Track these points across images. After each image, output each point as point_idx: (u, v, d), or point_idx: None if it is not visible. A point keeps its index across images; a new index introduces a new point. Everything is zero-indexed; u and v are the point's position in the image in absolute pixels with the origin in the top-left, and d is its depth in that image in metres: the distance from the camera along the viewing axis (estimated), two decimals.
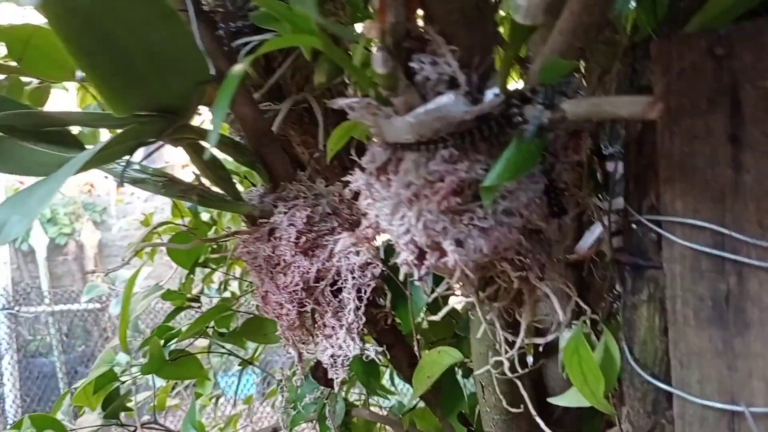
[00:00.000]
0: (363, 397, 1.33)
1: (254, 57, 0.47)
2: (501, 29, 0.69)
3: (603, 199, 0.79)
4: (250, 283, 1.24)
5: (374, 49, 0.45)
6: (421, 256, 0.55)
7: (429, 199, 0.50)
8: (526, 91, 0.47)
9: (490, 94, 0.47)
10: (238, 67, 0.47)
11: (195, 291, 1.26)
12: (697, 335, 0.49)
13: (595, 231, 0.79)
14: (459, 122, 0.47)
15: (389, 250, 0.79)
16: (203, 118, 0.99)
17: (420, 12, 0.48)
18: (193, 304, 1.22)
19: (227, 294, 1.36)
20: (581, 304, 0.60)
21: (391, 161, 0.52)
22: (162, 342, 1.05)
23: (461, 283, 0.60)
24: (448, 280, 0.62)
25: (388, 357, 0.89)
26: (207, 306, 1.30)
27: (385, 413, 1.29)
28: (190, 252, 1.06)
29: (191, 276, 1.14)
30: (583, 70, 0.81)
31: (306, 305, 0.78)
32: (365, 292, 0.76)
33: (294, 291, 0.77)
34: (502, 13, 0.70)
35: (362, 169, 0.56)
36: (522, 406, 0.70)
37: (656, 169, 0.51)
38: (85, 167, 0.61)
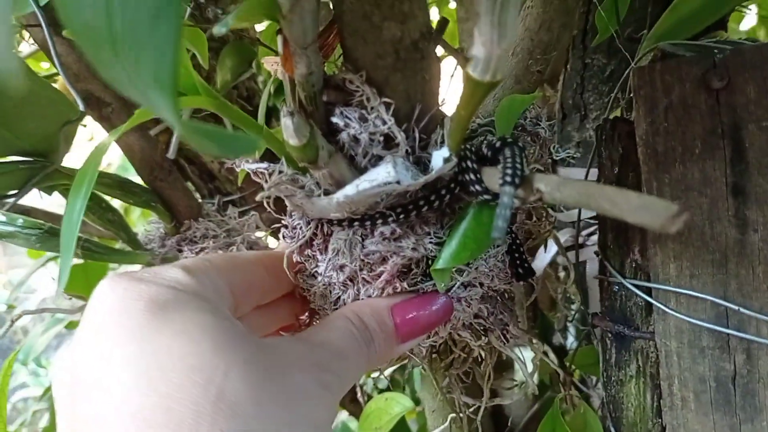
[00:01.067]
0: None
1: (121, 131, 0.35)
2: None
3: (556, 211, 0.71)
4: None
5: (282, 114, 0.33)
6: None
7: (369, 284, 0.40)
8: (485, 148, 0.37)
9: (439, 157, 0.37)
10: (98, 147, 0.35)
11: None
12: (699, 421, 0.41)
13: (551, 250, 0.71)
14: (400, 193, 0.37)
15: None
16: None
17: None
18: None
19: None
20: (554, 365, 0.51)
21: (316, 237, 0.41)
22: None
23: (408, 359, 0.50)
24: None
25: None
26: None
27: None
28: (89, 281, 0.93)
29: None
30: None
31: None
32: None
33: None
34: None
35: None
36: None
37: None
38: None
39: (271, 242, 0.82)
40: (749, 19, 1.34)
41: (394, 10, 0.32)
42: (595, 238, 0.64)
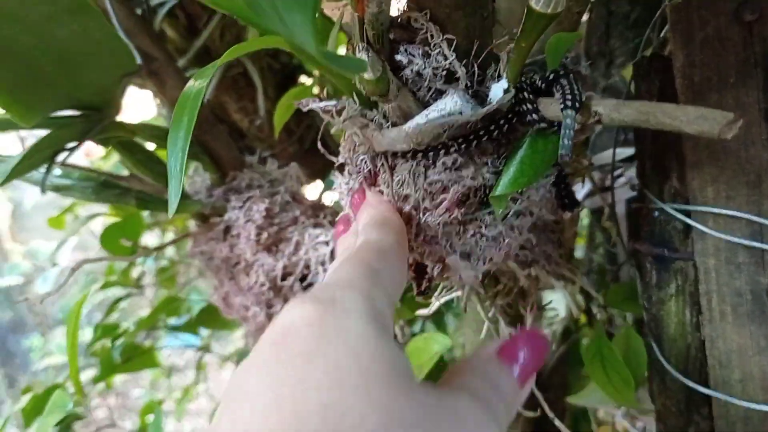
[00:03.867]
0: None
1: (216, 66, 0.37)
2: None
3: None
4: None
5: (357, 50, 0.36)
6: (420, 270, 0.48)
7: (431, 212, 0.43)
8: (539, 81, 0.40)
9: (498, 89, 0.40)
10: (197, 85, 0.38)
11: (135, 274, 1.16)
12: (736, 332, 0.44)
13: (584, 189, 0.74)
14: (462, 124, 0.40)
15: None
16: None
17: None
18: (134, 291, 1.12)
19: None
20: (591, 292, 0.55)
21: (381, 171, 0.44)
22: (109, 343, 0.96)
23: (460, 288, 0.54)
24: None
25: None
26: (149, 288, 1.21)
27: None
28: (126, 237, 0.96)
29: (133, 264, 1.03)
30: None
31: (274, 305, 0.70)
32: None
33: (260, 292, 0.69)
34: None
35: (341, 170, 0.48)
36: None
37: (678, 150, 0.45)
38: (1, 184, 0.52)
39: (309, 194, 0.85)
40: None
41: None
42: (623, 179, 0.67)
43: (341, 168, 0.47)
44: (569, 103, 0.36)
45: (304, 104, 0.44)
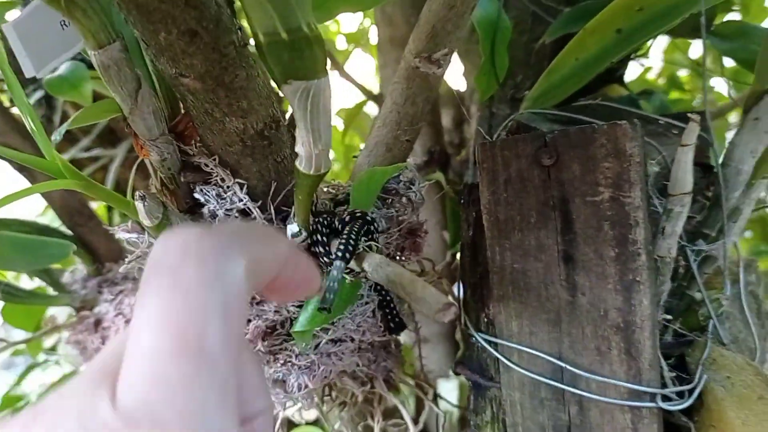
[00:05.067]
0: None
1: None
2: None
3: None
4: None
5: (135, 199, 0.36)
6: None
7: None
8: (337, 221, 0.41)
9: (289, 232, 0.40)
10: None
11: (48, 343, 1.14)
12: None
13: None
14: None
15: None
16: None
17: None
18: (49, 357, 1.11)
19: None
20: (435, 408, 0.55)
21: None
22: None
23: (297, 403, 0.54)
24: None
25: None
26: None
27: None
28: (30, 315, 0.95)
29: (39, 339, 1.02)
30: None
31: None
32: None
33: None
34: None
35: None
36: None
37: (488, 283, 0.46)
38: None
39: None
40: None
41: (232, 107, 0.36)
42: None
43: None
44: (340, 254, 0.37)
45: (114, 231, 0.44)
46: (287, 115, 0.42)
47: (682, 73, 1.46)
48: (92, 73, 0.63)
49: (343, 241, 0.37)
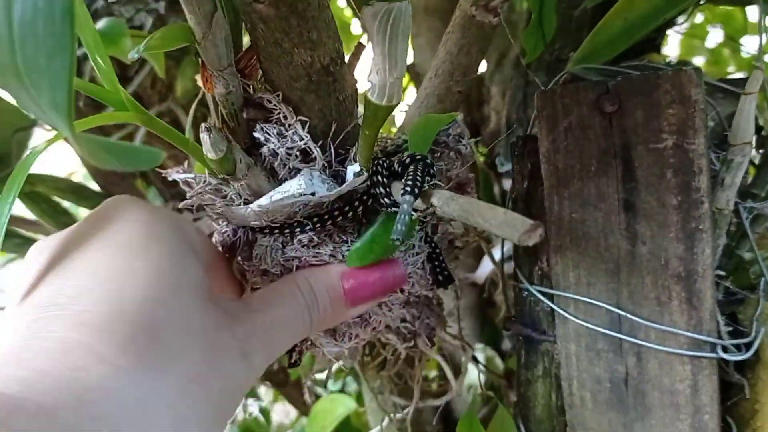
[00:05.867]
0: None
1: None
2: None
3: None
4: None
5: (200, 130, 0.36)
6: None
7: None
8: (397, 164, 0.40)
9: (351, 172, 0.40)
10: (32, 153, 0.37)
11: None
12: (595, 419, 0.44)
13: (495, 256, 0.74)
14: (317, 204, 0.40)
15: None
16: None
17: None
18: None
19: None
20: (478, 367, 0.54)
21: (239, 245, 0.43)
22: None
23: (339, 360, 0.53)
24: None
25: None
26: None
27: None
28: None
29: None
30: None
31: None
32: None
33: None
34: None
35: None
36: None
37: (546, 233, 0.46)
38: None
39: None
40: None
41: (302, 38, 0.35)
42: None
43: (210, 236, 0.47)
44: (408, 189, 0.36)
45: (169, 173, 0.43)
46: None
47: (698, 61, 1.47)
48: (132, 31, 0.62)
49: (410, 177, 0.37)
